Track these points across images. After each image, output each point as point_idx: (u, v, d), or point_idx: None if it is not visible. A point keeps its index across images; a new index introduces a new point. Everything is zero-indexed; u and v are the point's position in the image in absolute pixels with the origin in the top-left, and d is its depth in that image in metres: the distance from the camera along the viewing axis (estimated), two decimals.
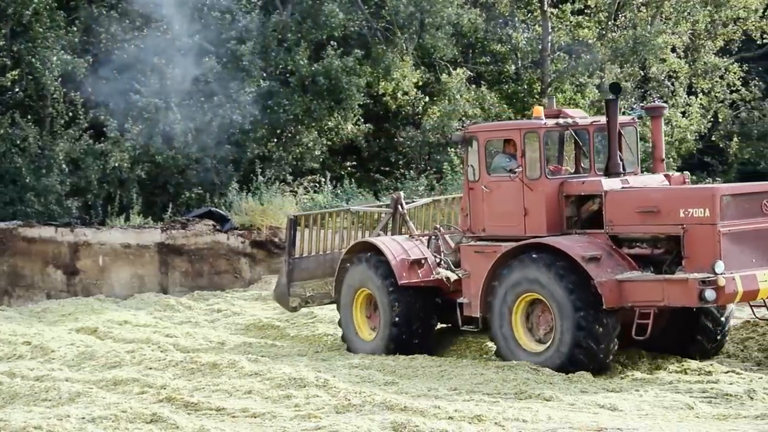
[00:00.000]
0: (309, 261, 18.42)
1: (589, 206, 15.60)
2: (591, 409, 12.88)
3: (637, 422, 12.08)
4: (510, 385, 14.31)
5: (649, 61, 30.45)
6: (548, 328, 15.22)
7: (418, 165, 30.71)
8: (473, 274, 16.08)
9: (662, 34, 30.04)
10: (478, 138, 16.13)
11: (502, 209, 15.88)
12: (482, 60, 33.47)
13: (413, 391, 13.84)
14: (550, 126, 15.71)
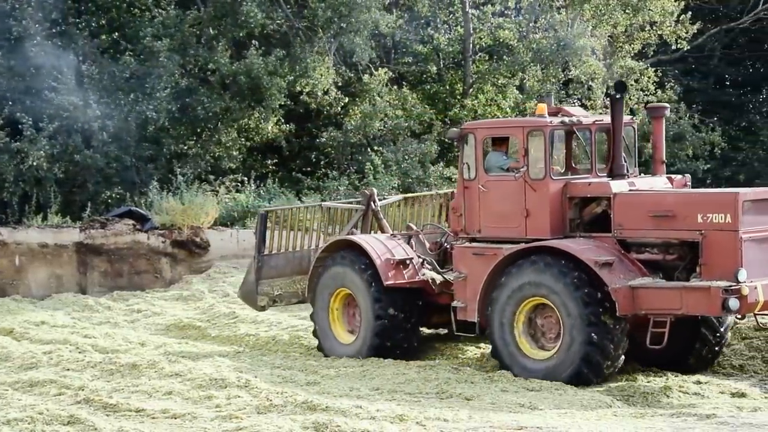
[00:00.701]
0: (278, 259, 17.72)
1: (593, 208, 14.99)
2: (511, 408, 12.97)
3: (557, 421, 12.19)
4: (431, 384, 14.36)
5: (571, 64, 30.77)
6: (553, 334, 14.57)
7: (341, 165, 30.70)
8: (470, 277, 15.33)
9: (583, 36, 30.38)
10: (476, 135, 15.42)
11: (501, 210, 15.22)
12: (404, 60, 33.55)
13: (335, 391, 13.82)
14: (556, 124, 15.00)
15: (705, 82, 38.88)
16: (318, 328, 16.86)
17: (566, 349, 14.26)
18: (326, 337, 16.72)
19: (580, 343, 14.12)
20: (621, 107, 15.05)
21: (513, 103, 31.85)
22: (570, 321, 14.17)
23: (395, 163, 28.94)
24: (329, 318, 16.67)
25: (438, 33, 33.23)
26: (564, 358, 14.29)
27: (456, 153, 31.99)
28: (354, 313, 16.57)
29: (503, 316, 14.76)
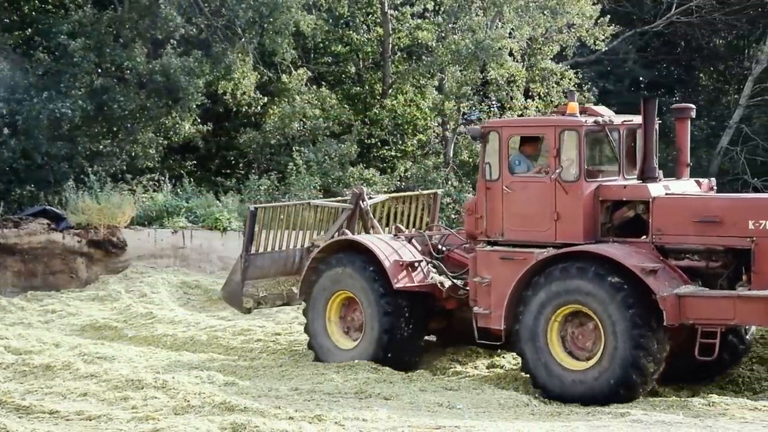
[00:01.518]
0: (264, 258, 16.86)
1: (624, 212, 14.32)
2: (430, 407, 13.02)
3: (475, 420, 12.26)
4: (350, 384, 14.35)
5: (490, 65, 30.98)
6: (589, 344, 13.82)
7: (260, 165, 30.54)
8: (495, 282, 14.50)
9: (503, 38, 30.60)
10: (500, 133, 14.65)
11: (528, 212, 14.42)
12: (323, 61, 33.51)
13: (254, 391, 13.75)
14: (591, 124, 14.26)
15: (620, 84, 39.42)
16: (312, 333, 16.07)
17: (609, 360, 13.49)
18: (323, 341, 15.93)
19: (624, 353, 13.36)
20: (653, 107, 14.38)
21: (432, 104, 31.98)
22: (612, 330, 13.42)
23: (315, 163, 28.89)
24: (326, 321, 15.92)
25: (357, 33, 33.23)
26: (606, 369, 13.51)
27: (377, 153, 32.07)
28: (354, 318, 15.82)
29: (535, 324, 13.93)
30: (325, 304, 15.87)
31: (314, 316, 15.97)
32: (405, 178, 30.75)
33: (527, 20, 31.03)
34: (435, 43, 32.04)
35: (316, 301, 15.93)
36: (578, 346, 13.90)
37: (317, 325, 15.97)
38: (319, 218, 17.34)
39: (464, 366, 15.80)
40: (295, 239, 17.14)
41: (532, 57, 32.75)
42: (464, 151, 32.90)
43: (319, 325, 15.95)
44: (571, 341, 13.94)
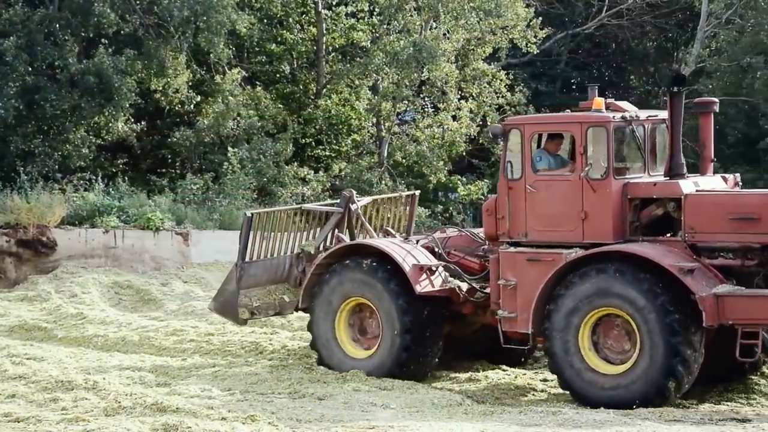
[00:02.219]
0: (257, 266, 16.01)
1: (653, 210, 13.88)
2: (364, 407, 13.03)
3: (408, 420, 12.29)
4: (284, 384, 14.32)
5: (428, 66, 31.05)
6: (622, 347, 13.39)
7: (193, 165, 30.34)
8: (522, 285, 13.93)
9: (438, 40, 30.71)
10: (523, 131, 14.12)
11: (553, 211, 13.90)
12: (257, 60, 33.38)
13: (186, 392, 13.65)
14: (618, 120, 13.79)
15: (552, 85, 39.78)
16: (320, 342, 15.20)
17: (644, 365, 13.08)
18: (332, 351, 15.13)
19: (660, 356, 12.96)
20: (680, 102, 13.78)
21: (367, 104, 32.01)
22: (648, 333, 13.00)
23: (250, 162, 28.77)
24: (335, 330, 15.08)
25: (290, 33, 33.15)
26: (640, 374, 13.11)
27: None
28: (366, 325, 15.13)
29: (566, 327, 13.45)
30: (334, 312, 15.06)
31: (322, 326, 15.15)
32: (339, 178, 30.74)
33: (462, 23, 31.18)
34: (369, 43, 32.07)
35: (324, 309, 15.13)
36: (611, 349, 13.44)
37: (325, 335, 15.12)
38: (312, 223, 16.60)
39: None
40: (284, 246, 16.33)
41: (465, 58, 32.91)
42: (398, 152, 32.98)
43: (327, 334, 15.10)
44: (604, 344, 13.46)
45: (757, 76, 33.61)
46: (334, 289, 15.05)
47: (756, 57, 33.77)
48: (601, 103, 13.95)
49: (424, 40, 30.30)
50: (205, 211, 26.49)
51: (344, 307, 15.07)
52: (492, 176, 35.71)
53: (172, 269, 24.19)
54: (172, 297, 22.01)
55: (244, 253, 15.83)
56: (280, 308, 16.12)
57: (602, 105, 13.93)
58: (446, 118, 33.05)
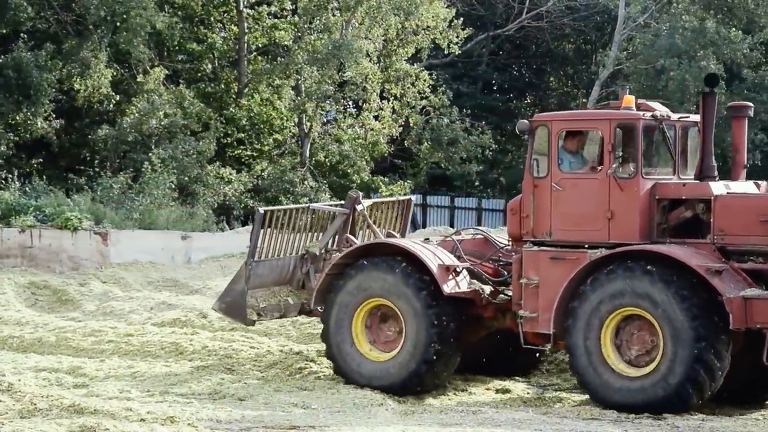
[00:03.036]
0: (264, 266, 15.46)
1: (681, 212, 13.53)
2: (285, 408, 13.00)
3: (329, 419, 12.29)
4: (204, 385, 14.22)
5: (347, 65, 31.08)
6: (645, 349, 13.04)
7: (113, 164, 30.00)
8: (544, 284, 13.58)
9: (358, 39, 30.75)
10: (550, 127, 13.81)
11: (579, 211, 13.57)
12: (179, 59, 33.13)
13: (104, 393, 13.50)
14: (648, 118, 13.48)
15: (474, 86, 40.06)
16: (336, 346, 14.58)
17: (667, 368, 12.75)
18: (349, 353, 14.52)
19: (684, 362, 12.63)
20: (713, 103, 13.49)
21: (289, 104, 31.94)
22: (673, 336, 12.69)
23: (172, 161, 28.53)
24: (352, 332, 14.48)
25: (212, 32, 32.95)
26: (663, 377, 12.77)
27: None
28: (384, 327, 14.53)
29: (588, 327, 13.13)
30: (351, 313, 14.46)
31: (338, 327, 14.52)
32: (262, 178, 30.64)
33: (378, 21, 31.25)
34: (291, 43, 32.01)
35: (340, 310, 14.51)
36: (634, 351, 13.12)
37: (342, 337, 14.51)
38: (320, 223, 16.01)
39: (319, 366, 15.80)
40: (291, 246, 15.74)
41: (388, 58, 33.00)
42: (321, 152, 32.96)
43: (344, 336, 14.50)
44: (626, 346, 13.14)
45: (670, 78, 34.24)
46: (353, 290, 14.46)
47: (670, 59, 34.38)
48: (632, 100, 13.70)
49: (343, 39, 30.32)
50: (125, 211, 26.21)
51: (363, 309, 14.50)
52: (414, 176, 35.89)
53: (90, 269, 23.89)
54: (90, 297, 21.74)
55: (254, 252, 15.32)
56: (284, 310, 15.61)
57: (632, 103, 13.68)
58: (368, 119, 33.12)
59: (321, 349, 16.60)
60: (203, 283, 23.10)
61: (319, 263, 15.60)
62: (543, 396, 14.15)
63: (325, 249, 15.75)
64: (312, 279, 15.48)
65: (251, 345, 16.84)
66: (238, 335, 17.51)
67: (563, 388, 14.76)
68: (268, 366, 15.61)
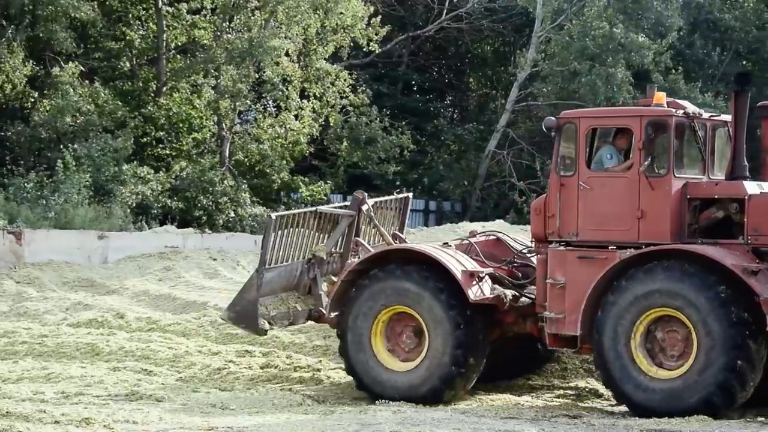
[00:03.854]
0: (272, 273, 14.92)
1: (712, 212, 13.20)
2: (203, 408, 12.92)
3: (248, 420, 12.25)
4: (121, 386, 14.08)
5: (264, 64, 30.97)
6: (676, 351, 12.70)
7: (27, 162, 29.51)
8: (571, 284, 13.21)
9: (276, 37, 30.64)
10: (578, 125, 13.47)
11: (607, 210, 13.21)
12: (96, 56, 32.72)
13: (17, 395, 13.30)
14: (681, 116, 13.15)
15: (394, 87, 40.15)
16: (354, 355, 14.11)
17: (699, 372, 12.41)
18: (368, 363, 14.05)
19: (717, 367, 12.33)
20: (745, 101, 13.16)
21: (207, 103, 31.73)
22: (707, 339, 12.35)
23: (88, 159, 28.16)
24: (371, 341, 14.01)
25: (130, 29, 32.60)
26: (695, 381, 12.44)
27: None
28: (404, 336, 14.06)
29: (618, 328, 12.76)
30: (370, 322, 13.99)
31: (356, 336, 14.06)
32: (180, 177, 30.39)
33: (297, 19, 31.19)
34: (211, 41, 31.81)
35: (358, 319, 14.05)
36: (665, 354, 12.79)
37: (360, 346, 14.05)
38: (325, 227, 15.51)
39: (238, 366, 15.74)
40: (299, 250, 15.24)
41: (307, 57, 32.95)
42: (240, 151, 32.80)
43: (363, 345, 14.04)
44: (657, 347, 12.82)
45: (582, 81, 34.72)
46: (372, 297, 13.98)
47: (583, 62, 34.86)
48: (663, 97, 13.39)
49: (260, 37, 30.21)
50: (40, 210, 25.81)
51: (382, 317, 14.03)
52: (333, 177, 35.87)
53: (3, 269, 23.51)
54: (3, 298, 21.40)
55: (265, 259, 14.76)
56: (293, 318, 15.11)
57: (663, 99, 13.36)
58: (288, 118, 33.04)
59: (240, 350, 16.56)
60: (120, 283, 22.89)
61: (326, 267, 15.24)
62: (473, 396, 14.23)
63: (332, 252, 15.35)
64: (319, 284, 15.04)
65: (169, 346, 16.71)
66: (156, 336, 17.37)
67: (481, 387, 14.87)
68: (187, 366, 15.51)
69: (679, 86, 35.37)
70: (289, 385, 14.81)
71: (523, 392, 14.71)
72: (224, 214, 30.04)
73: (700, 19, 38.84)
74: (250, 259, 25.65)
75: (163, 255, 25.41)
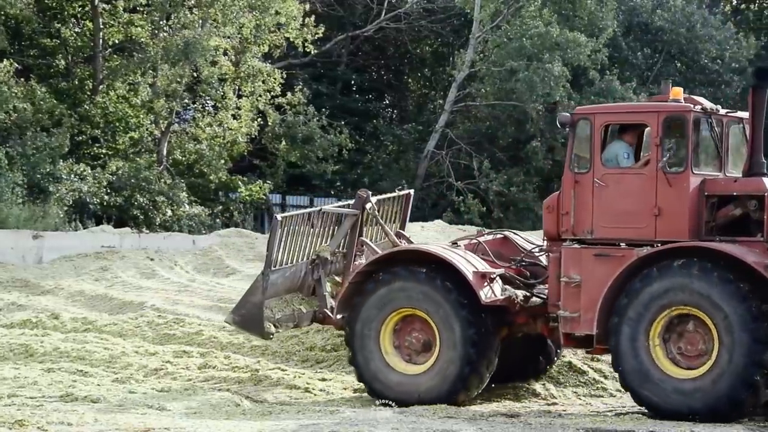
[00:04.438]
0: (278, 275, 14.63)
1: (730, 210, 12.92)
2: (139, 410, 12.82)
3: (185, 421, 12.16)
4: (56, 387, 13.92)
5: (200, 63, 30.82)
6: (695, 350, 12.43)
7: None
8: (587, 283, 12.94)
9: (212, 36, 30.50)
10: (593, 121, 13.17)
11: (623, 207, 12.95)
12: (31, 53, 32.33)
13: None
14: (699, 111, 12.91)
15: (333, 87, 40.14)
16: (363, 360, 13.84)
17: (719, 372, 12.15)
18: (376, 366, 13.78)
19: (740, 366, 12.02)
20: (763, 97, 12.91)
21: (143, 102, 31.51)
22: (729, 337, 12.08)
23: (23, 157, 27.80)
24: (380, 345, 13.74)
25: (66, 27, 32.25)
26: (713, 383, 12.19)
27: None
28: (414, 338, 13.81)
29: (636, 327, 12.52)
30: (379, 324, 13.73)
31: (365, 340, 13.77)
32: (117, 176, 30.14)
33: (231, 18, 31.09)
34: (148, 39, 31.59)
35: (367, 321, 13.76)
36: (683, 352, 12.52)
37: (368, 349, 13.78)
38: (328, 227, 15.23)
39: (175, 367, 15.63)
40: (303, 252, 14.95)
41: (242, 55, 32.87)
42: (178, 150, 32.60)
43: (372, 349, 13.76)
44: (676, 346, 12.54)
45: (518, 79, 34.99)
46: (382, 299, 13.70)
47: (519, 62, 35.13)
48: (680, 92, 13.09)
49: (195, 35, 30.05)
50: None
51: (391, 319, 13.77)
52: (273, 176, 35.78)
53: None
54: None
55: (270, 261, 14.43)
56: (298, 320, 14.78)
57: (681, 95, 13.08)
58: (226, 117, 32.92)
59: (178, 350, 16.44)
60: (55, 283, 22.63)
61: (330, 267, 14.99)
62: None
63: (336, 252, 15.14)
64: (323, 285, 14.78)
65: (105, 346, 16.56)
66: (91, 336, 17.20)
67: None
68: (123, 367, 15.38)
69: (615, 86, 35.80)
70: (227, 386, 14.74)
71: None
72: (161, 214, 29.84)
73: (633, 21, 39.34)
74: (188, 259, 25.50)
75: (99, 255, 25.17)
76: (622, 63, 38.58)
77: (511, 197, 36.04)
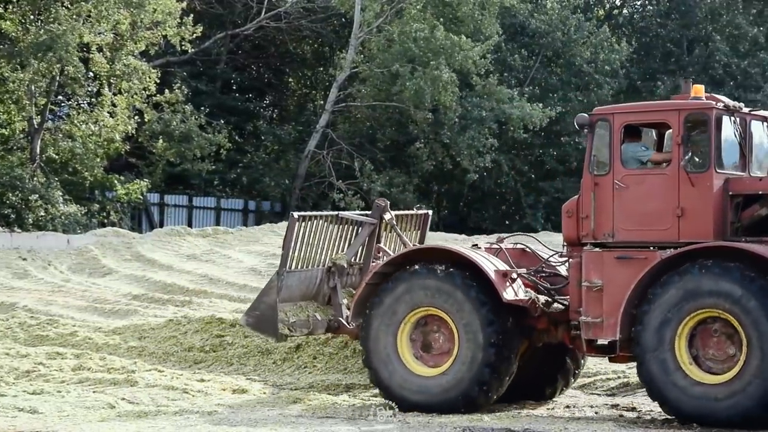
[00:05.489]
0: (292, 278, 14.39)
1: (756, 210, 12.54)
2: (9, 412, 12.51)
3: (57, 424, 11.91)
4: None
5: (66, 59, 30.18)
6: (723, 355, 12.03)
7: None
8: (609, 287, 12.55)
9: (80, 31, 29.94)
10: (612, 121, 12.82)
11: (644, 209, 12.57)
12: None
13: None
14: (722, 108, 12.53)
15: (212, 85, 39.80)
16: (378, 358, 13.45)
17: (749, 377, 11.77)
18: (393, 368, 13.38)
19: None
20: None
21: (13, 100, 30.82)
22: (759, 341, 11.70)
23: None
24: (397, 345, 13.36)
25: None
26: (742, 386, 11.79)
27: None
28: (433, 339, 13.45)
29: (661, 331, 12.14)
30: (397, 325, 13.36)
31: (381, 340, 13.41)
32: None
33: (105, 14, 30.60)
34: (18, 33, 30.91)
35: (384, 321, 13.39)
36: (710, 356, 12.14)
37: (385, 350, 13.39)
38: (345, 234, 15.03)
39: (48, 368, 15.29)
40: (319, 257, 14.71)
41: (117, 52, 32.33)
42: (51, 148, 31.93)
43: (388, 350, 13.39)
44: (702, 350, 12.16)
45: (406, 86, 35.18)
46: (400, 299, 13.36)
47: (404, 66, 35.34)
48: (701, 90, 12.85)
49: (62, 30, 29.47)
50: None
51: (409, 319, 13.41)
52: (150, 175, 35.28)
53: None
54: None
55: (286, 260, 14.22)
56: (312, 327, 14.40)
57: (702, 92, 12.82)
58: (102, 115, 32.36)
59: (51, 352, 16.07)
60: None
61: (346, 279, 14.76)
62: (279, 396, 14.19)
63: (352, 261, 14.88)
64: (339, 294, 14.48)
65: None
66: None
67: (299, 388, 14.86)
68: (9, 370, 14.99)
69: (500, 89, 36.28)
70: (102, 388, 14.46)
71: (340, 392, 14.77)
72: (34, 213, 29.19)
73: (508, 23, 39.88)
74: (63, 259, 24.99)
75: None
76: (501, 65, 39.08)
77: (392, 198, 36.26)
